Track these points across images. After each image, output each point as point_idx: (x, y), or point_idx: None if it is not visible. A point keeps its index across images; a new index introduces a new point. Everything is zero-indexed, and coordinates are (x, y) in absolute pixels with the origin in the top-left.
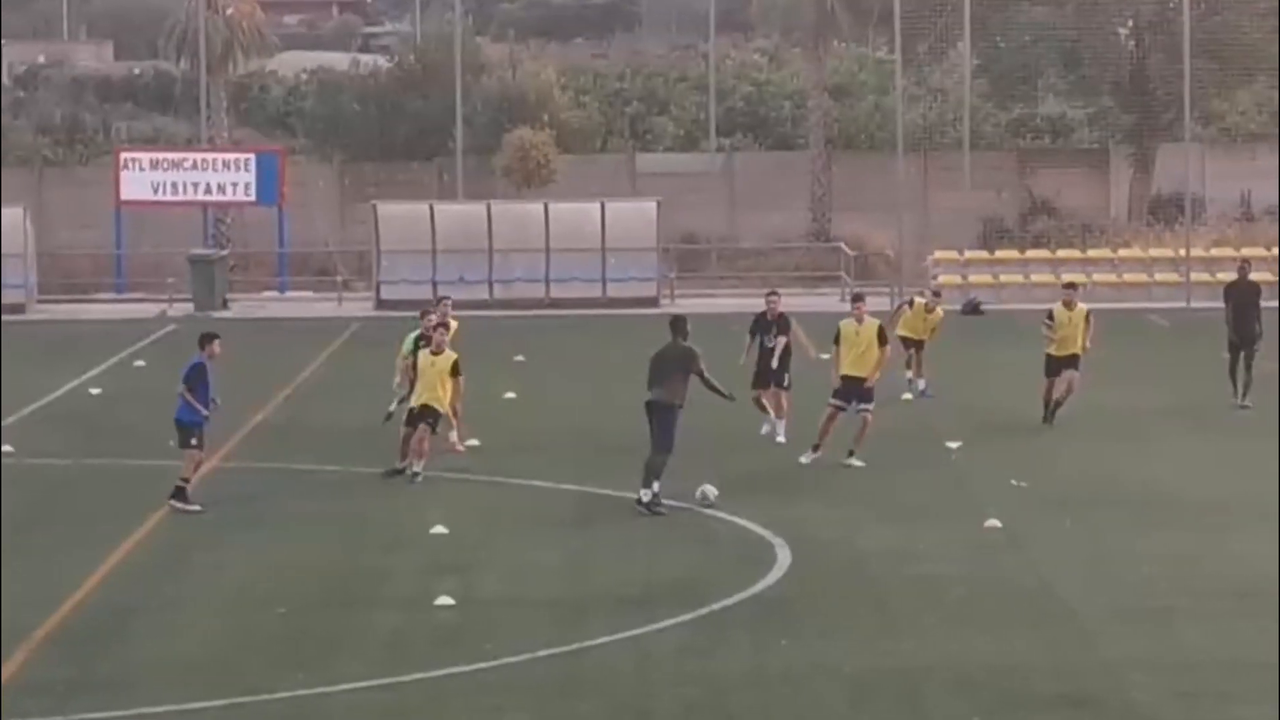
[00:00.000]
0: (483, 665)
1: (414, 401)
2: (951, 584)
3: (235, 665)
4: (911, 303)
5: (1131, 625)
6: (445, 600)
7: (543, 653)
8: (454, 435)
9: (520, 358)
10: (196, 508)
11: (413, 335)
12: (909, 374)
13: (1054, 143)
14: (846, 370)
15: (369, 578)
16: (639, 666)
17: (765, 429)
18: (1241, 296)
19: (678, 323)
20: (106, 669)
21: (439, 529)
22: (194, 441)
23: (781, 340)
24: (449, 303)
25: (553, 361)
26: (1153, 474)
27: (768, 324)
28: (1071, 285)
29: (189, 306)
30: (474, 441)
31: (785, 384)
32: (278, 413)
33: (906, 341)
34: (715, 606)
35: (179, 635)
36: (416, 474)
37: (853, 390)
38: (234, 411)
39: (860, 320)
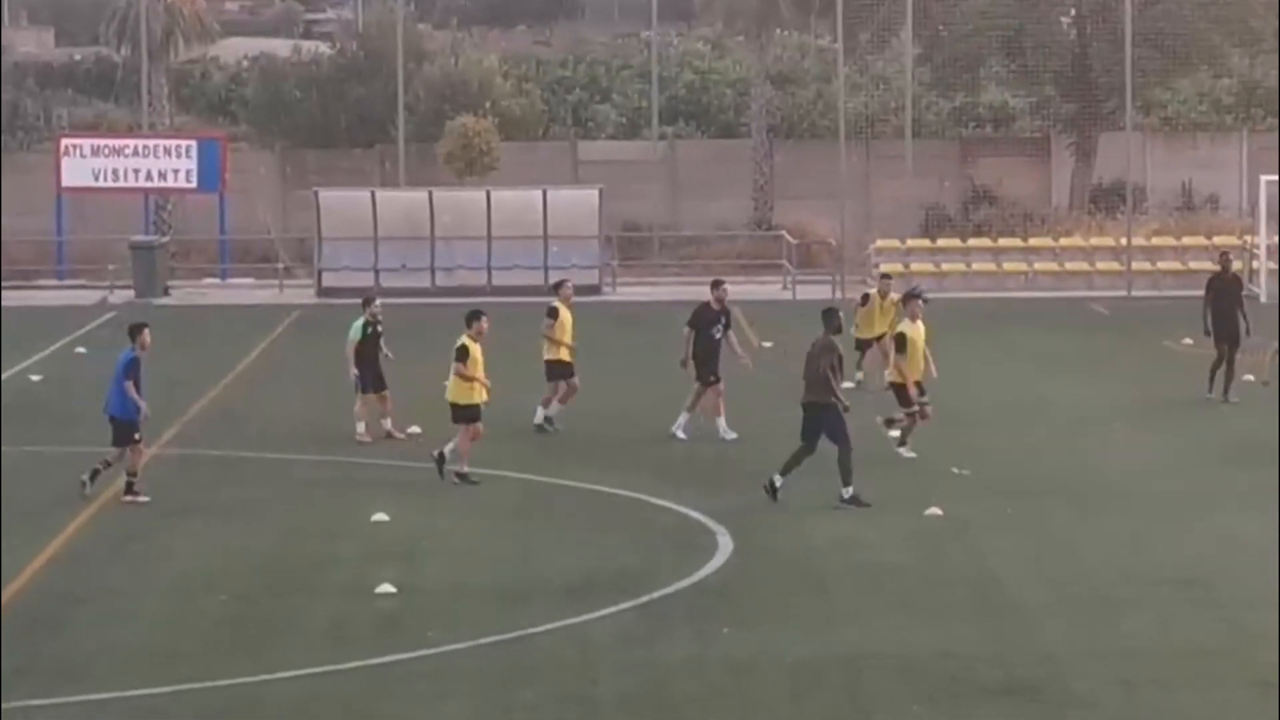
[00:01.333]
0: (424, 653)
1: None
2: (893, 572)
3: (177, 652)
4: (866, 299)
5: (1073, 613)
6: (387, 588)
7: (484, 640)
8: (388, 422)
9: None
10: (145, 498)
11: (359, 323)
12: (859, 374)
13: (996, 131)
14: (920, 376)
15: (311, 565)
16: (581, 654)
17: (726, 433)
18: (1225, 289)
19: (828, 314)
20: (48, 656)
21: (381, 516)
22: (137, 436)
23: (732, 334)
24: (570, 285)
25: (494, 349)
26: (1095, 462)
27: (714, 315)
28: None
29: (130, 293)
30: (415, 429)
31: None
32: (219, 400)
33: (862, 343)
34: (657, 595)
35: (121, 622)
36: (466, 474)
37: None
38: (175, 398)
39: (915, 319)
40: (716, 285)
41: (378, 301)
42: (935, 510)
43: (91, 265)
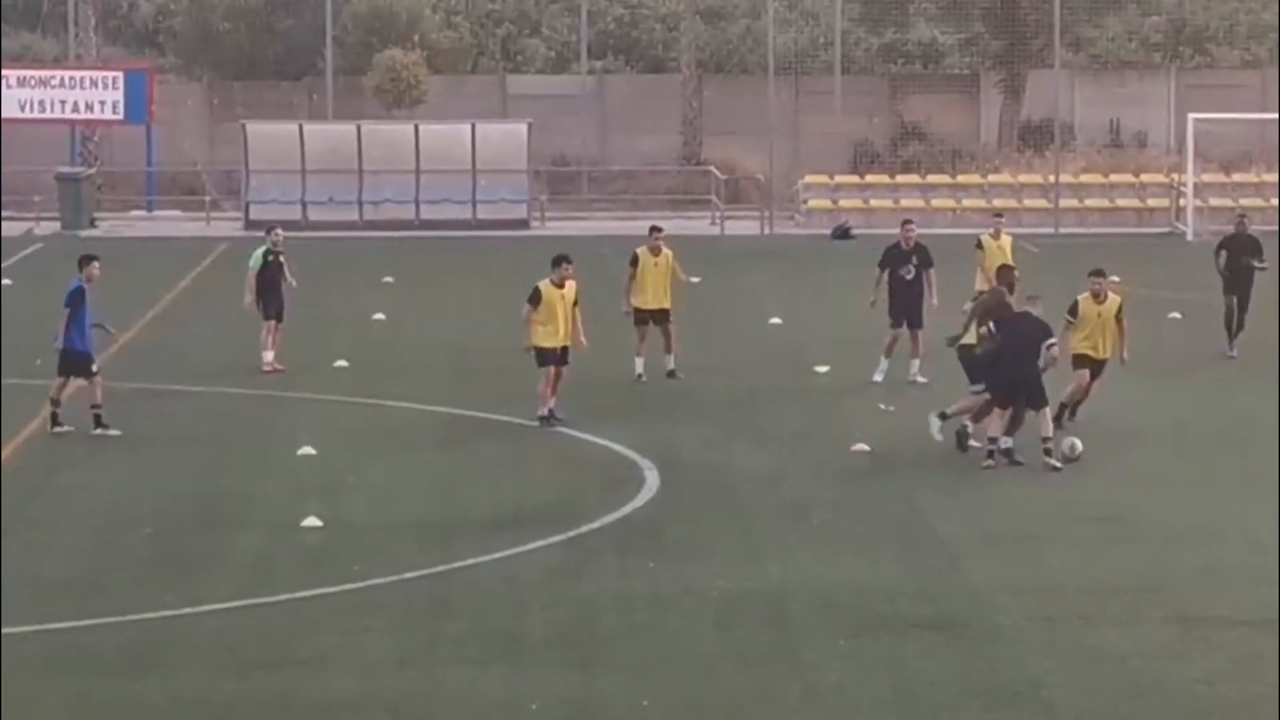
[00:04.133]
0: (350, 586)
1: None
2: (819, 507)
3: (102, 585)
4: (981, 244)
5: (997, 549)
6: (313, 521)
7: (410, 574)
8: (270, 355)
9: (389, 279)
10: (68, 428)
11: (260, 251)
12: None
13: (925, 68)
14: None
15: (236, 499)
16: (507, 588)
17: (879, 377)
18: (1238, 250)
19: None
20: None
21: (307, 450)
22: (95, 369)
23: (932, 274)
24: (656, 234)
25: (422, 283)
26: None
27: (903, 254)
28: (1099, 273)
29: (56, 225)
30: (342, 363)
31: (921, 323)
32: (145, 333)
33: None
34: (584, 529)
35: (45, 555)
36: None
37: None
38: (101, 331)
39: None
40: (905, 224)
41: (278, 231)
42: (861, 446)
43: (17, 196)
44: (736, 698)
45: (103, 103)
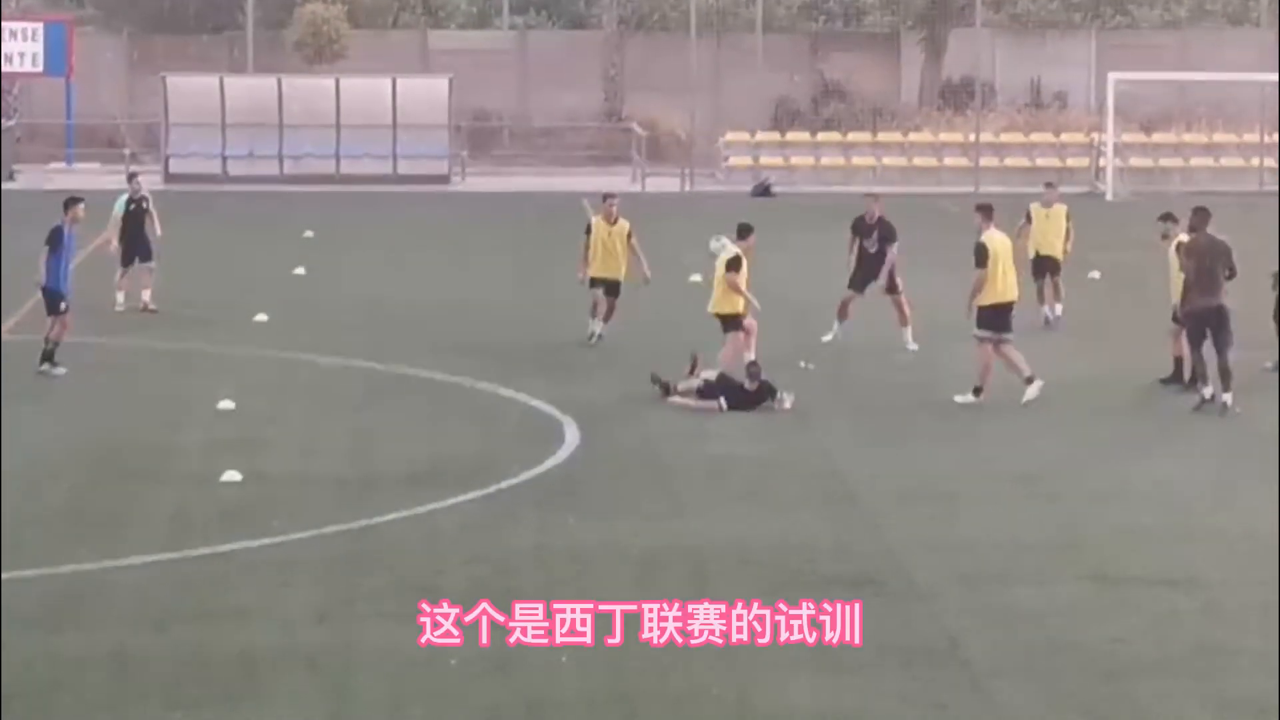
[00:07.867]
0: (269, 541)
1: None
2: (739, 464)
3: (19, 539)
4: (1029, 216)
5: (914, 507)
6: (232, 476)
7: (330, 529)
8: (147, 294)
9: (310, 233)
10: (61, 370)
11: (122, 199)
12: (1045, 308)
13: (846, 26)
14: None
15: (155, 452)
16: (426, 543)
17: (828, 338)
18: None
19: (1199, 213)
20: None
21: (226, 404)
22: (62, 307)
23: (891, 250)
24: (615, 199)
25: (342, 238)
26: (942, 359)
27: (866, 228)
28: (1203, 210)
29: None
30: (262, 317)
31: (899, 289)
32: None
33: (1042, 263)
34: (503, 484)
35: None
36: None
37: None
38: (17, 284)
39: None
40: (866, 197)
41: (138, 180)
42: (781, 404)
43: None
44: (654, 655)
45: (22, 54)
